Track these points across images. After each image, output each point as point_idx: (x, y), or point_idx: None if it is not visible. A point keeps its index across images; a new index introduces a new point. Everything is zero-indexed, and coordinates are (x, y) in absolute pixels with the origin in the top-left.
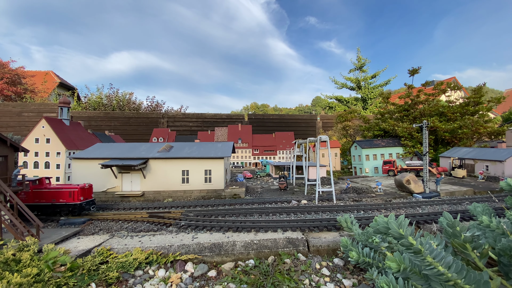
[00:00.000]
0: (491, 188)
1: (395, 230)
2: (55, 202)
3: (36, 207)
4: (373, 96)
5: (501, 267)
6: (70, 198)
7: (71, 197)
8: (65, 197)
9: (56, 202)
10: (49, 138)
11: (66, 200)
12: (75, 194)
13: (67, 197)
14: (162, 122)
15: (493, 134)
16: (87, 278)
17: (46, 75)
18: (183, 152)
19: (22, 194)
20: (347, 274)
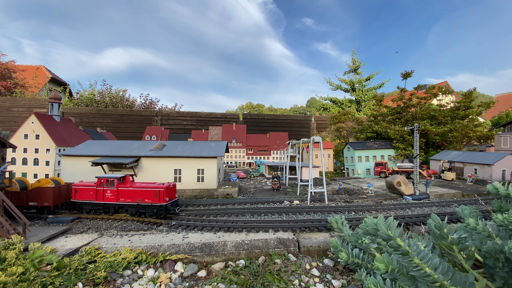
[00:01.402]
0: (479, 191)
1: (384, 232)
2: (140, 202)
3: (122, 207)
4: (367, 98)
5: (486, 269)
6: (155, 198)
7: (157, 198)
8: (150, 197)
9: (141, 202)
10: (38, 134)
11: (151, 201)
12: (161, 194)
13: (152, 197)
14: (156, 120)
15: (482, 138)
16: (74, 277)
17: (38, 69)
18: (176, 150)
19: (108, 192)
20: (336, 275)
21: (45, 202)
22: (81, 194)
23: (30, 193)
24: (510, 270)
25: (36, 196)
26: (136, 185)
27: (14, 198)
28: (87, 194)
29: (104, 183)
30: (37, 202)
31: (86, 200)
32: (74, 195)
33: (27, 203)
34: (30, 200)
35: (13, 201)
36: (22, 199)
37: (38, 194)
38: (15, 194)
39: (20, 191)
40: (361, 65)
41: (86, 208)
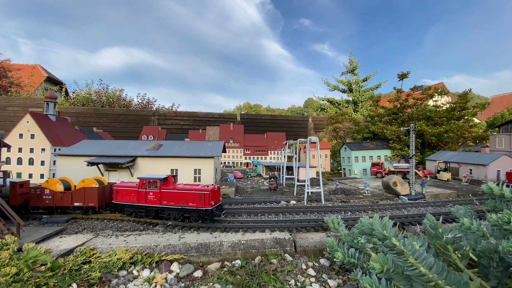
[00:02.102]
0: (474, 191)
1: (379, 231)
2: (184, 205)
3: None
4: (364, 99)
5: (481, 269)
6: (200, 202)
7: (202, 201)
8: (195, 201)
9: (185, 206)
10: (33, 133)
11: (196, 204)
12: (206, 198)
13: (197, 200)
14: (153, 120)
15: (478, 139)
16: (68, 278)
17: (33, 69)
18: (173, 150)
19: (150, 194)
20: (332, 275)
21: (91, 203)
22: (123, 195)
23: (75, 194)
24: (504, 270)
25: (82, 196)
26: (179, 187)
27: (59, 199)
28: (129, 196)
29: (147, 184)
30: (83, 202)
31: (128, 202)
32: (116, 197)
33: (73, 203)
34: (76, 200)
35: (58, 202)
36: (67, 199)
37: (83, 194)
38: (59, 195)
39: (65, 191)
40: (358, 66)
41: (127, 210)
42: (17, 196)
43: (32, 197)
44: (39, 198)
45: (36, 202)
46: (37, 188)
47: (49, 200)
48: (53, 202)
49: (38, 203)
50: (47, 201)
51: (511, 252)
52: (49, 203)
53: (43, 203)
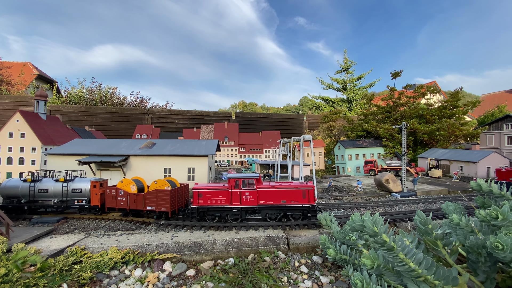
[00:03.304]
0: (464, 188)
1: (370, 228)
2: (285, 203)
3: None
4: (358, 97)
5: (469, 264)
6: (304, 199)
7: (305, 198)
8: (298, 198)
9: (286, 203)
10: (24, 132)
11: (298, 201)
12: (311, 194)
13: (300, 197)
14: (147, 119)
15: (468, 137)
16: (58, 278)
17: (24, 66)
18: (166, 149)
19: (246, 194)
20: (324, 271)
21: (163, 207)
22: (207, 198)
23: (148, 196)
24: (492, 265)
25: (154, 199)
26: (276, 185)
27: (132, 201)
28: (216, 198)
29: (240, 184)
30: (155, 206)
31: (216, 205)
32: (197, 200)
33: (146, 207)
34: (149, 204)
35: (132, 205)
36: (140, 202)
37: (156, 197)
38: (133, 197)
39: (138, 194)
40: (353, 64)
41: (212, 215)
42: (98, 196)
43: (108, 198)
44: (114, 199)
45: (111, 203)
46: (112, 189)
47: (123, 202)
48: (127, 205)
49: (113, 205)
50: (121, 203)
51: (499, 247)
52: (123, 205)
53: (118, 205)
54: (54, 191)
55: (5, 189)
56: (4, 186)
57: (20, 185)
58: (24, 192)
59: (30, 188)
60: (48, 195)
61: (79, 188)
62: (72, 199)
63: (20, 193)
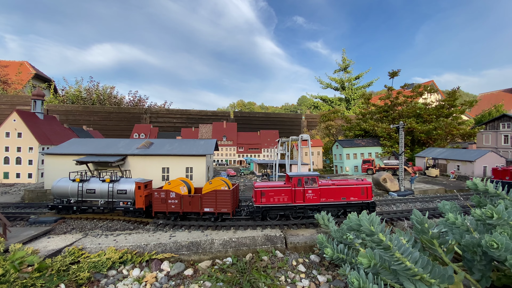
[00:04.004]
0: (461, 187)
1: (366, 227)
2: (345, 200)
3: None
4: (356, 97)
5: (465, 262)
6: (362, 195)
7: (364, 194)
8: (357, 195)
9: (347, 200)
10: (20, 132)
11: (357, 198)
12: (369, 191)
13: (359, 194)
14: (145, 118)
15: (465, 136)
16: (56, 278)
17: (21, 65)
18: (164, 149)
19: (309, 192)
20: (322, 270)
21: (224, 208)
22: (269, 197)
23: (205, 197)
24: (487, 263)
25: (213, 200)
26: (336, 182)
27: (187, 203)
28: (279, 197)
29: (303, 182)
30: (214, 208)
31: (277, 203)
32: (260, 199)
33: (203, 209)
34: (206, 205)
35: (186, 207)
36: (196, 204)
37: (215, 198)
38: (187, 199)
39: (193, 195)
40: (351, 63)
41: (274, 213)
42: (143, 198)
43: (156, 201)
44: (164, 203)
45: (160, 207)
46: (161, 191)
47: (175, 205)
48: (180, 207)
49: (162, 208)
50: (173, 206)
51: (494, 246)
52: (175, 208)
53: (169, 208)
54: (101, 191)
55: (56, 188)
56: (55, 186)
57: (70, 185)
58: (73, 192)
59: (79, 188)
60: (95, 195)
61: (124, 189)
62: (118, 200)
63: (70, 193)
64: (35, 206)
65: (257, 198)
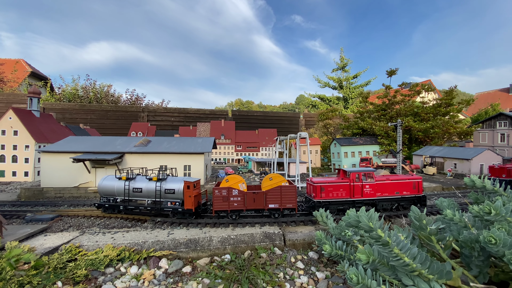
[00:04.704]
0: (458, 185)
1: (365, 223)
2: (399, 194)
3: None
4: (354, 96)
5: (463, 258)
6: (414, 189)
7: (416, 189)
8: (409, 189)
9: (400, 194)
10: (16, 130)
11: (410, 192)
12: (420, 185)
13: (411, 188)
14: (142, 116)
15: (462, 134)
16: (53, 276)
17: (17, 63)
18: (162, 146)
19: (367, 187)
20: (320, 267)
21: (289, 204)
22: (329, 192)
23: (270, 194)
24: (485, 259)
25: (278, 197)
26: (390, 177)
27: (250, 200)
28: (337, 192)
29: (361, 177)
30: (279, 204)
31: (336, 198)
32: (320, 194)
33: (267, 205)
34: (271, 202)
35: (249, 204)
36: (261, 201)
37: (280, 194)
38: (251, 195)
39: (257, 192)
40: (349, 63)
41: (333, 208)
42: (192, 198)
43: (217, 199)
44: (226, 201)
45: (222, 205)
46: (222, 189)
47: (238, 203)
48: (243, 205)
49: (224, 207)
50: (235, 203)
51: (492, 242)
52: (238, 206)
53: (231, 207)
54: (148, 190)
55: (103, 186)
56: (101, 183)
57: (116, 183)
58: (119, 190)
59: (125, 187)
60: (142, 194)
61: (172, 189)
62: (165, 200)
63: (116, 191)
64: (32, 204)
65: (317, 193)
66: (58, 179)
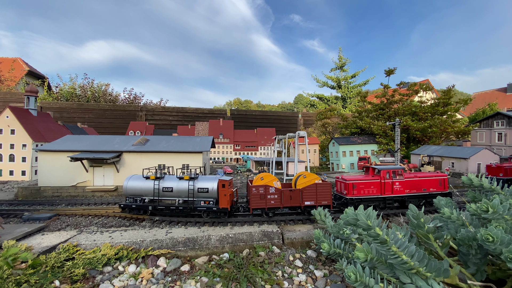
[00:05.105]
0: (455, 184)
1: (363, 221)
2: (425, 191)
3: (406, 199)
4: (352, 95)
5: (460, 256)
6: (440, 186)
7: (442, 185)
8: (435, 186)
9: (427, 191)
10: (14, 129)
11: (436, 189)
12: (446, 182)
13: (437, 185)
14: (140, 115)
15: (460, 134)
16: (50, 275)
17: (14, 62)
18: (160, 145)
19: (396, 184)
20: (319, 265)
21: (324, 201)
22: (361, 189)
23: (306, 191)
24: (482, 257)
25: (313, 194)
26: (418, 174)
27: (287, 198)
28: (369, 189)
29: (391, 174)
30: (314, 201)
31: (367, 195)
32: (352, 191)
33: (303, 202)
34: (307, 199)
35: (286, 202)
36: (297, 198)
37: (315, 191)
38: (288, 193)
39: (293, 189)
40: (347, 62)
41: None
42: (227, 197)
43: (254, 197)
44: (263, 199)
45: (259, 203)
46: (259, 187)
47: (275, 200)
48: (280, 202)
49: (261, 205)
50: (272, 201)
51: (489, 240)
52: (275, 203)
53: (268, 204)
54: (179, 190)
55: (129, 187)
56: (128, 184)
57: (144, 183)
58: (148, 190)
59: (155, 186)
60: (172, 194)
61: (205, 188)
62: (198, 199)
63: (144, 191)
64: (29, 204)
65: (349, 190)
66: (55, 178)
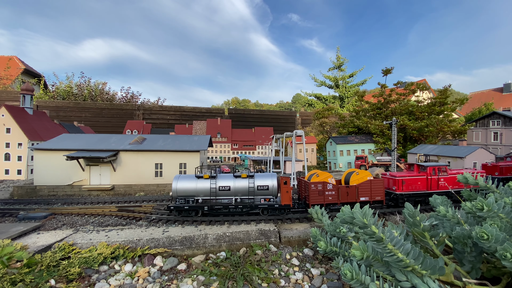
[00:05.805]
0: None
1: (360, 220)
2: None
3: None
4: (350, 94)
5: (455, 254)
6: None
7: None
8: None
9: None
10: (9, 127)
11: None
12: None
13: None
14: (138, 114)
15: (456, 133)
16: (45, 274)
17: (10, 60)
18: (157, 144)
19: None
20: (315, 264)
21: (377, 196)
22: (409, 185)
23: (361, 187)
24: (477, 255)
25: (368, 190)
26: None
27: (344, 194)
28: (416, 185)
29: (437, 171)
30: (369, 197)
31: (415, 191)
32: (401, 187)
33: (359, 198)
34: (362, 195)
35: (343, 197)
36: (353, 194)
37: (369, 187)
38: (344, 189)
39: (350, 186)
40: (345, 62)
41: (412, 200)
42: (290, 194)
43: (313, 194)
44: (322, 195)
45: (318, 199)
46: (318, 183)
47: (332, 197)
48: (337, 198)
49: (320, 201)
50: (330, 197)
51: (484, 237)
52: (332, 199)
53: (326, 200)
54: (236, 188)
55: (180, 187)
56: (178, 184)
57: (197, 183)
58: (202, 190)
59: (211, 186)
60: (229, 193)
61: (265, 185)
62: (258, 197)
63: (198, 191)
64: (25, 203)
65: (399, 186)
66: (51, 177)
